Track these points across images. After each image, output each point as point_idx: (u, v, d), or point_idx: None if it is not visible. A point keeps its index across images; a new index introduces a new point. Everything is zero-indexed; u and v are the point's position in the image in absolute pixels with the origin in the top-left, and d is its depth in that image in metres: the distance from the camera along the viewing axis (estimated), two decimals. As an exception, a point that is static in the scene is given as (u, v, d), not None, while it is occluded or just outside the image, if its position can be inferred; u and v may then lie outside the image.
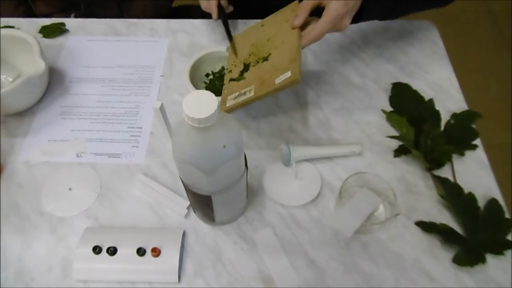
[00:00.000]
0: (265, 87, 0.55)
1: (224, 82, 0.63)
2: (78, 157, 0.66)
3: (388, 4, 0.64)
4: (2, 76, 0.72)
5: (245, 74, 0.61)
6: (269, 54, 0.60)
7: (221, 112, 0.40)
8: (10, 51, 0.72)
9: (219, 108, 0.58)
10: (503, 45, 1.74)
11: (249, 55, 0.63)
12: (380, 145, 0.65)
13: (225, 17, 0.71)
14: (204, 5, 0.74)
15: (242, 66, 0.62)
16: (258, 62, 0.60)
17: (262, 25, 0.66)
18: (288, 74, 0.53)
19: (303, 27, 0.59)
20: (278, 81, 0.54)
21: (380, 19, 0.70)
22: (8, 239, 0.58)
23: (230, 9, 0.75)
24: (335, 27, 0.57)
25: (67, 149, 0.66)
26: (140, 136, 0.68)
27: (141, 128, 0.69)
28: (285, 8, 0.64)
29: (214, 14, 0.71)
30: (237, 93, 0.58)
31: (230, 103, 0.58)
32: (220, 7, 0.71)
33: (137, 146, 0.67)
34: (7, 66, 0.73)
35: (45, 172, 0.64)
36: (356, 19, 0.61)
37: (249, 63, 0.62)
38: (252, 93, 0.56)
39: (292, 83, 0.53)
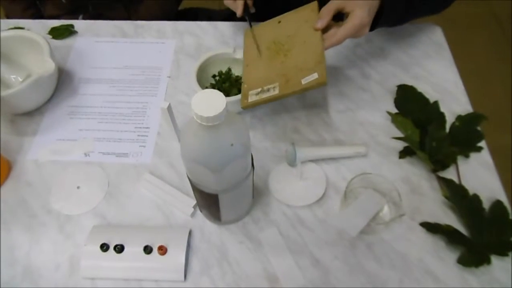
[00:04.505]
0: (291, 86, 0.57)
1: (242, 77, 0.63)
2: (86, 156, 0.66)
3: (400, 12, 0.66)
4: (12, 76, 0.73)
5: (268, 70, 0.62)
6: (290, 52, 0.61)
7: (228, 111, 0.41)
8: (20, 51, 0.73)
9: (240, 102, 0.60)
10: (507, 47, 1.74)
11: (268, 50, 0.64)
12: (385, 146, 0.66)
13: (249, 15, 0.70)
14: (228, 2, 0.71)
15: (264, 60, 0.63)
16: (278, 59, 0.62)
17: (279, 22, 0.67)
18: (315, 75, 0.55)
19: (323, 30, 0.61)
20: (304, 81, 0.56)
21: (390, 26, 0.72)
22: (16, 236, 0.59)
23: (252, 10, 0.73)
24: (356, 35, 0.60)
25: (75, 148, 0.67)
26: (147, 136, 0.69)
27: (148, 128, 0.70)
28: (304, 7, 0.65)
29: (239, 10, 0.68)
30: (259, 89, 0.59)
31: (252, 98, 0.59)
32: (246, 5, 0.69)
33: (144, 146, 0.67)
34: (17, 66, 0.74)
35: (54, 171, 0.65)
36: (371, 28, 0.63)
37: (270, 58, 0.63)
38: (276, 91, 0.57)
39: (319, 85, 0.55)
